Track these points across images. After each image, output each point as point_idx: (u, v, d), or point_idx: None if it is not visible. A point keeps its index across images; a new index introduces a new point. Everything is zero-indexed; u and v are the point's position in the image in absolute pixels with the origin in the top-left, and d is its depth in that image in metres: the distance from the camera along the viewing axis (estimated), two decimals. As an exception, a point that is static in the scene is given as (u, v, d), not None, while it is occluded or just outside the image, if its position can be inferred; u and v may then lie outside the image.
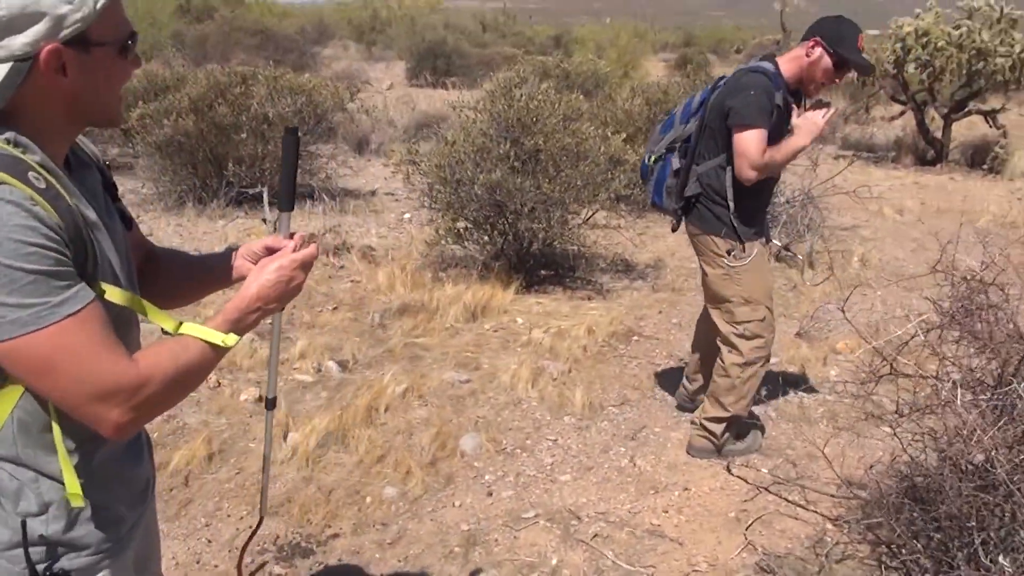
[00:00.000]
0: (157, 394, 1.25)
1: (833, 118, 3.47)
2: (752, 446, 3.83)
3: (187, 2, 29.05)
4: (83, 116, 1.30)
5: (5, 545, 1.28)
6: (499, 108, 6.09)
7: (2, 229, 1.10)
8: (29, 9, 1.14)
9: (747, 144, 3.30)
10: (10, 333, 1.12)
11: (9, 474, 1.27)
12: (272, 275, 1.43)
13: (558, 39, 33.88)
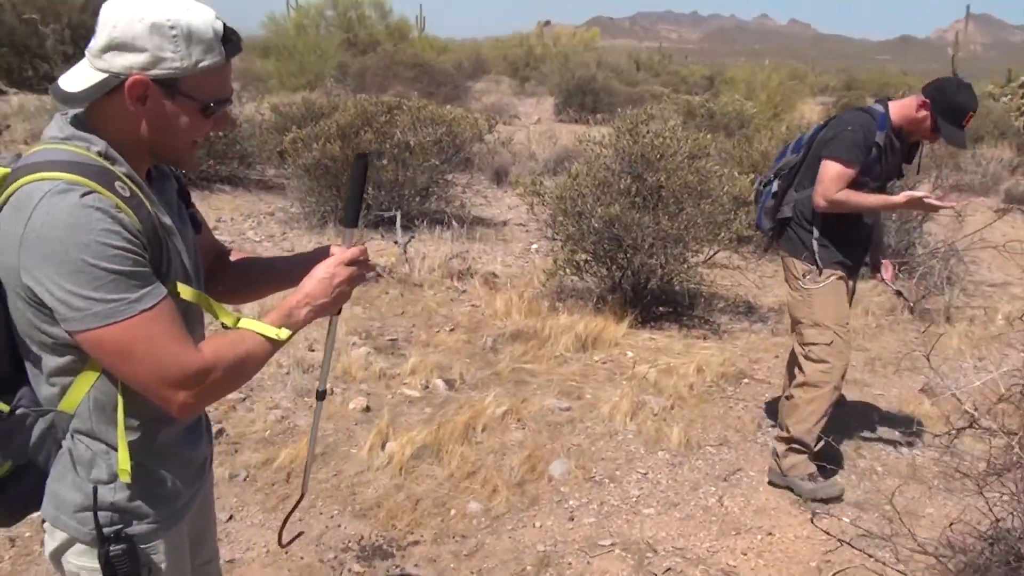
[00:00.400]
0: (219, 380, 1.41)
1: (935, 207, 3.50)
2: (822, 490, 3.74)
3: (354, 36, 30.73)
4: (150, 147, 1.45)
5: (77, 507, 1.46)
6: (624, 144, 6.17)
7: (90, 232, 1.27)
8: (137, 41, 1.33)
9: (827, 174, 3.49)
10: (93, 323, 1.29)
11: (85, 445, 1.45)
12: (320, 274, 1.57)
13: (712, 79, 33.57)
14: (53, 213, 1.26)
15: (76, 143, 1.37)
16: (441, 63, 25.18)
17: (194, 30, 1.35)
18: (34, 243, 1.27)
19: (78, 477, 1.46)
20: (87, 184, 1.30)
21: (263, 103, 13.60)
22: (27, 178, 1.31)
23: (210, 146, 9.64)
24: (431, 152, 8.57)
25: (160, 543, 1.54)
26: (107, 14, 1.34)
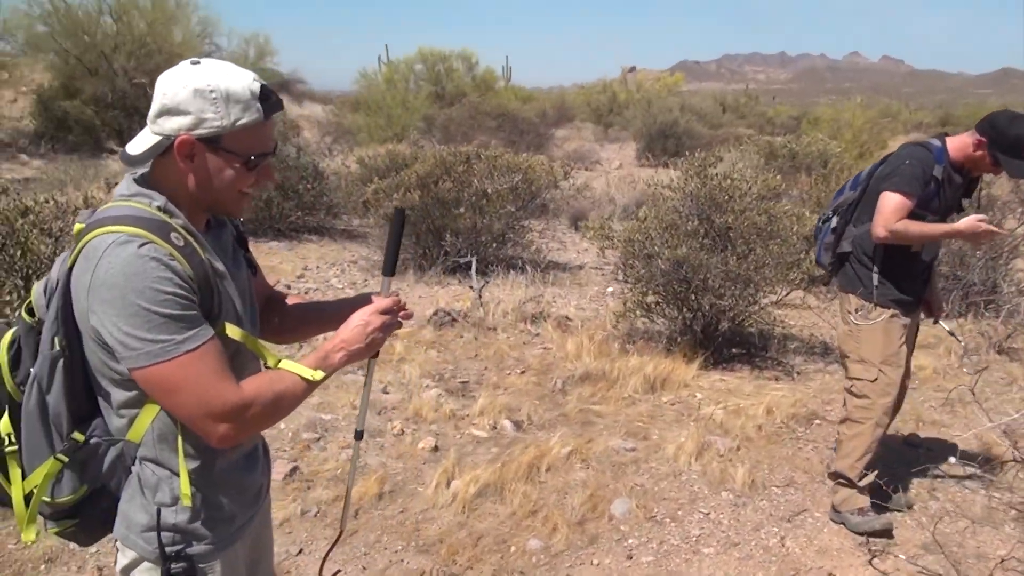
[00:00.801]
0: (257, 415, 1.56)
1: (992, 235, 3.54)
2: (868, 523, 3.70)
3: (441, 89, 31.67)
4: (202, 199, 1.61)
5: (143, 527, 1.62)
6: (692, 187, 6.24)
7: (146, 279, 1.44)
8: (182, 105, 1.51)
9: (886, 205, 3.49)
10: (145, 362, 1.46)
11: (151, 471, 1.62)
12: (355, 322, 1.71)
13: (799, 119, 33.17)
14: (114, 262, 1.44)
15: (139, 199, 1.55)
16: (524, 112, 25.65)
17: (232, 92, 1.52)
18: (98, 289, 1.44)
19: (145, 500, 1.62)
20: (145, 235, 1.47)
21: (350, 156, 14.17)
22: (95, 232, 1.49)
23: (299, 198, 10.14)
24: (507, 199, 8.80)
25: (217, 563, 1.68)
26: (160, 85, 1.54)
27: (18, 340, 1.61)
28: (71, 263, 1.51)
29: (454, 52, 33.10)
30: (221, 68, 1.55)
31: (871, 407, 3.70)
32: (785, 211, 6.24)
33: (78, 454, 1.58)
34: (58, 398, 1.55)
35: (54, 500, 1.59)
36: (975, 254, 7.28)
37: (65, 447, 1.56)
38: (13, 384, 1.59)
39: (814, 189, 9.61)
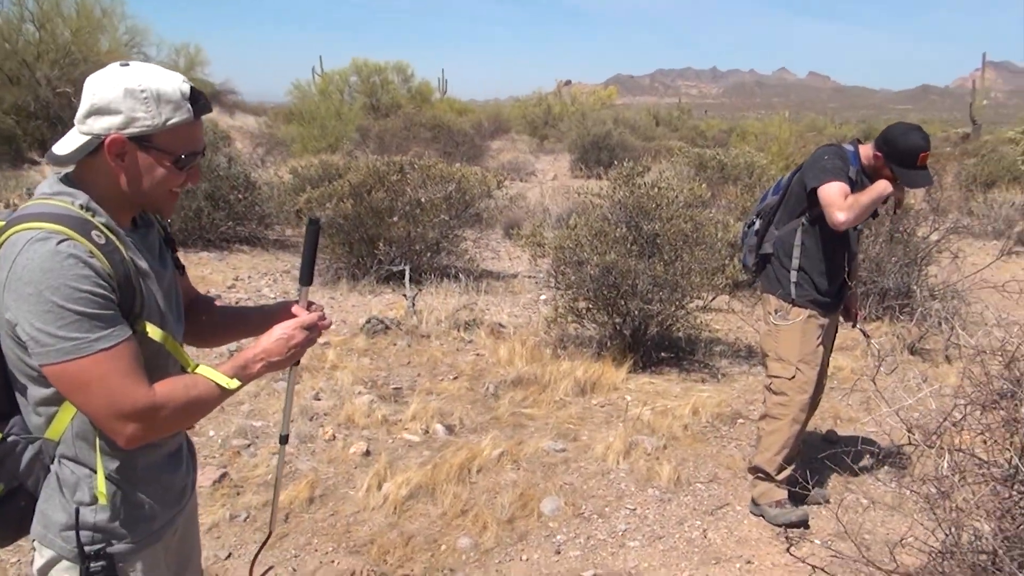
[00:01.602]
0: (167, 418, 1.57)
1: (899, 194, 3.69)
2: (785, 516, 3.87)
3: (377, 100, 31.60)
4: (132, 198, 1.63)
5: (62, 526, 1.61)
6: (620, 195, 6.39)
7: (62, 276, 1.44)
8: (112, 105, 1.53)
9: (829, 193, 3.57)
10: (55, 359, 1.46)
11: (70, 470, 1.61)
12: (277, 334, 1.73)
13: (730, 132, 33.97)
14: (32, 258, 1.44)
15: (62, 198, 1.56)
16: (460, 124, 25.73)
17: (162, 92, 1.55)
18: (15, 285, 1.45)
19: (63, 499, 1.61)
20: (64, 232, 1.47)
21: (283, 166, 14.06)
22: (15, 228, 1.49)
23: (230, 208, 10.02)
24: (441, 208, 8.85)
25: (137, 563, 1.68)
26: (88, 85, 1.56)
27: None
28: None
29: (389, 64, 33.11)
30: (151, 69, 1.57)
31: (789, 404, 3.86)
32: (710, 219, 6.44)
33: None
34: None
35: None
36: (891, 260, 7.59)
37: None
38: None
39: (740, 199, 9.91)
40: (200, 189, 9.56)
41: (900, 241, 7.68)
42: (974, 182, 16.76)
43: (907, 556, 3.02)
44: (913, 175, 3.64)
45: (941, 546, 2.49)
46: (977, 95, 35.45)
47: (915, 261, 7.65)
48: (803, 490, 3.53)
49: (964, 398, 2.67)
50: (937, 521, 2.45)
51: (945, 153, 23.48)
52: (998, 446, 2.41)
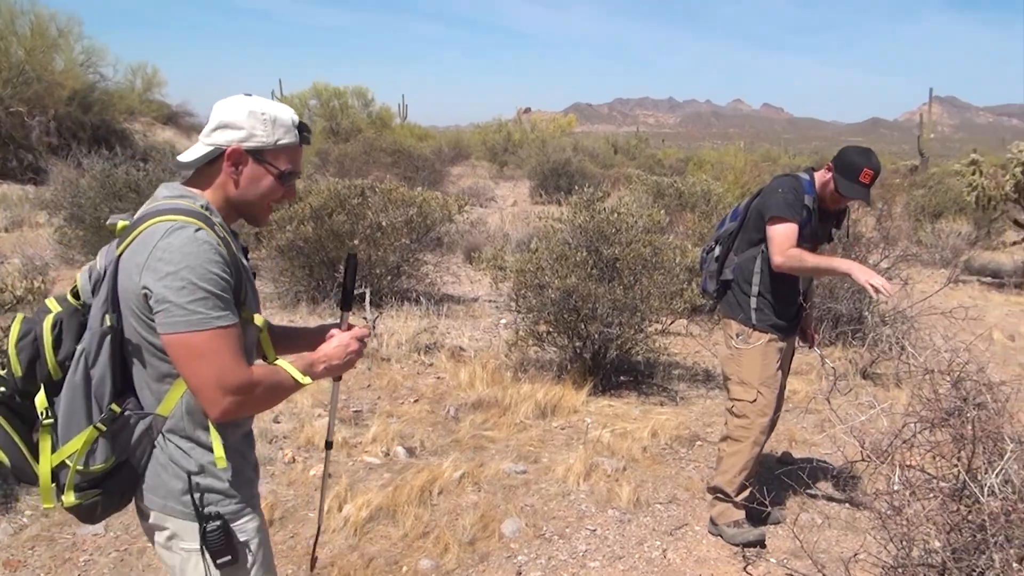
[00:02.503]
0: (256, 397, 1.79)
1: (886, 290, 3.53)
2: (743, 535, 3.94)
3: (336, 125, 31.57)
4: (236, 205, 1.92)
5: (180, 492, 1.83)
6: (581, 220, 6.47)
7: (199, 258, 1.70)
8: (237, 122, 1.84)
9: (776, 234, 3.73)
10: (181, 328, 1.69)
11: (175, 444, 1.83)
12: (336, 343, 2.01)
13: (686, 161, 34.49)
14: (173, 243, 1.70)
15: (185, 199, 1.83)
16: (420, 149, 25.79)
17: (278, 118, 1.87)
18: (155, 264, 1.69)
19: (176, 468, 1.83)
20: (198, 223, 1.75)
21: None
22: (152, 221, 1.75)
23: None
24: (402, 232, 8.86)
25: (248, 522, 1.90)
26: (218, 107, 1.87)
27: (60, 322, 1.79)
28: (120, 251, 1.77)
29: (349, 88, 33.13)
30: (269, 100, 1.90)
31: (751, 426, 3.92)
32: (669, 244, 6.55)
33: (113, 425, 1.77)
34: (103, 370, 1.75)
35: (88, 468, 1.76)
36: (844, 287, 7.77)
37: (104, 416, 1.74)
38: (55, 362, 1.77)
39: (698, 225, 10.09)
40: (158, 210, 9.46)
41: (852, 268, 7.85)
42: (922, 212, 17.24)
43: (861, 572, 3.09)
44: (852, 186, 3.76)
45: (893, 561, 2.56)
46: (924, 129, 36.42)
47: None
48: (760, 508, 3.59)
49: (914, 416, 2.76)
50: (889, 536, 2.52)
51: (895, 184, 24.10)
52: (947, 462, 2.50)
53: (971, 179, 12.62)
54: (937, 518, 2.29)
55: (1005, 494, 2.16)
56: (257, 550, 1.92)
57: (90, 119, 20.04)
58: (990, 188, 12.33)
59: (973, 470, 2.35)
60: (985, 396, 2.71)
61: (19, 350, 1.77)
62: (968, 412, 2.56)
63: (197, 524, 1.81)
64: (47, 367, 1.77)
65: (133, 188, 9.71)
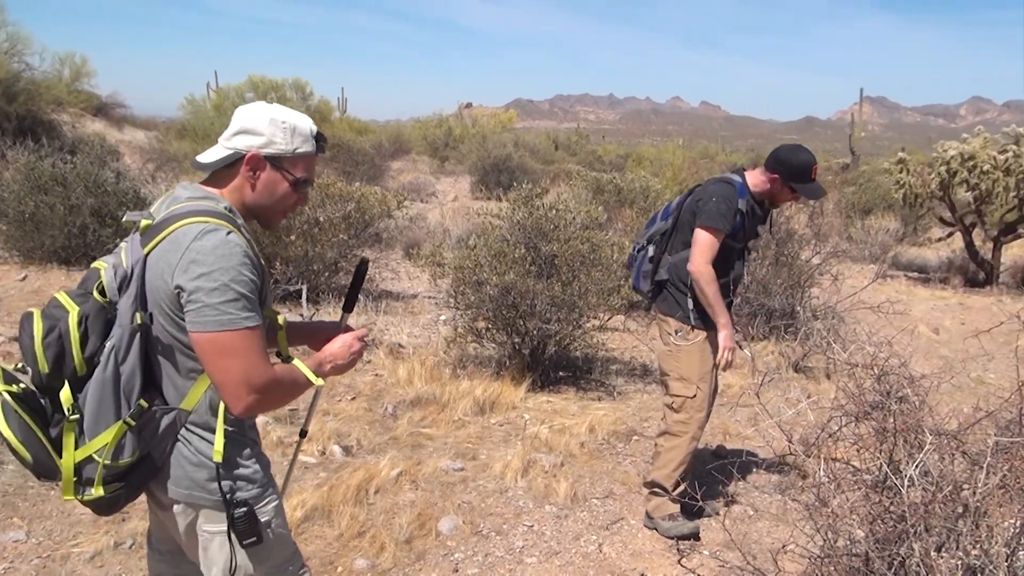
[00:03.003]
0: (277, 395, 1.90)
1: (727, 361, 3.91)
2: (677, 528, 4.00)
3: (273, 118, 31.03)
4: (252, 208, 2.00)
5: (205, 481, 1.92)
6: (520, 216, 6.48)
7: (232, 260, 1.79)
8: (258, 128, 1.94)
9: (699, 243, 3.82)
10: (213, 328, 1.77)
11: (199, 436, 1.92)
12: (340, 343, 2.13)
13: (626, 157, 34.78)
14: (206, 244, 1.78)
15: (209, 201, 1.91)
16: (360, 143, 25.52)
17: (298, 127, 1.97)
18: (188, 266, 1.77)
19: (200, 458, 1.91)
20: (228, 226, 1.84)
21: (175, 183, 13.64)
22: (182, 222, 1.82)
23: (119, 225, 9.65)
24: (339, 228, 8.75)
25: (268, 503, 2.01)
26: (240, 112, 1.97)
27: (86, 319, 1.83)
28: (148, 250, 1.84)
29: (287, 81, 32.59)
30: (290, 109, 2.00)
31: (689, 421, 3.97)
32: (607, 240, 6.60)
33: (140, 420, 1.84)
34: (133, 367, 1.82)
35: (116, 463, 1.83)
36: (777, 283, 7.93)
37: (133, 411, 1.82)
38: (82, 358, 1.83)
39: (636, 222, 10.18)
40: (86, 205, 9.19)
41: (785, 264, 8.03)
42: (853, 209, 17.70)
43: (790, 563, 3.16)
44: (811, 188, 3.86)
45: (820, 551, 2.62)
46: (855, 128, 37.36)
47: (799, 283, 8.01)
48: (692, 502, 3.65)
49: (840, 411, 2.83)
50: (816, 528, 2.58)
51: (827, 182, 24.70)
52: (870, 454, 2.57)
53: (899, 177, 12.98)
54: (861, 509, 2.36)
55: (924, 485, 2.23)
56: (277, 528, 2.03)
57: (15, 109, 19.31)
58: (917, 186, 12.69)
59: (895, 462, 2.42)
60: (907, 390, 2.80)
61: (46, 347, 1.80)
62: (890, 406, 2.63)
63: (224, 511, 1.91)
64: (73, 363, 1.82)
65: (60, 181, 9.39)
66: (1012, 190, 11.91)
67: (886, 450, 2.49)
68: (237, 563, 1.95)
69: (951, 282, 12.75)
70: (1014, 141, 12.31)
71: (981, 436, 2.65)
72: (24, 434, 1.80)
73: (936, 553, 2.09)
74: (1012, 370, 7.48)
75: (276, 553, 2.04)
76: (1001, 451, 2.27)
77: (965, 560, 2.04)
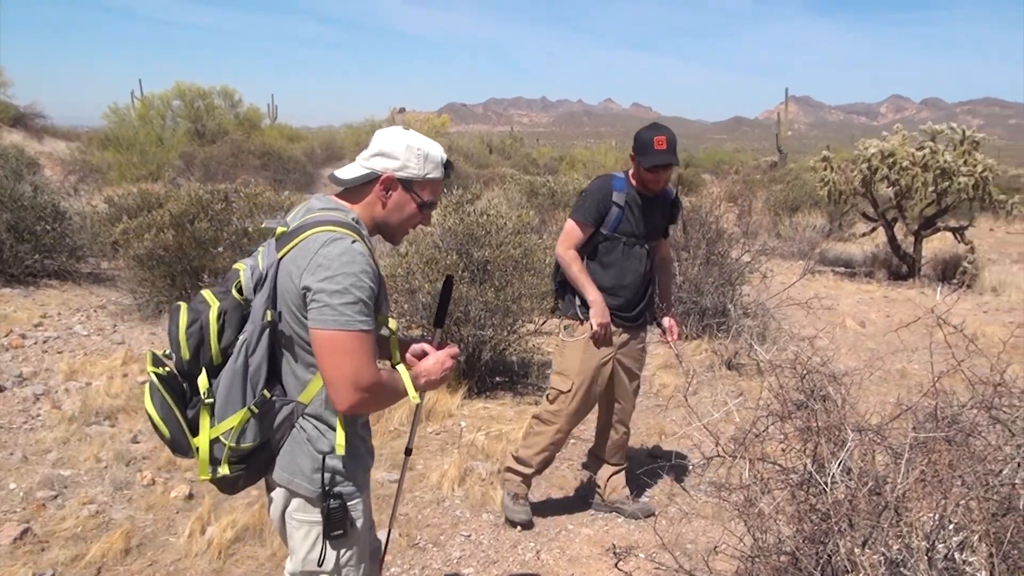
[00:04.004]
0: (377, 397, 2.00)
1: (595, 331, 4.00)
2: (514, 511, 4.19)
3: (202, 126, 30.37)
4: (380, 225, 2.17)
5: (311, 470, 2.06)
6: (451, 222, 6.44)
7: (354, 266, 1.93)
8: (395, 153, 2.11)
9: (564, 230, 4.05)
10: (330, 326, 1.91)
11: (313, 426, 2.07)
12: (433, 360, 2.25)
13: (560, 160, 35.01)
14: (333, 251, 1.93)
15: (339, 212, 2.08)
16: (291, 150, 25.18)
17: (430, 154, 2.13)
18: (315, 269, 1.92)
19: (310, 448, 2.06)
20: (353, 236, 1.99)
21: (97, 195, 13.25)
22: (314, 230, 1.99)
23: (36, 240, 9.32)
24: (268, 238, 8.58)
25: (359, 502, 2.14)
26: (379, 136, 2.13)
27: (224, 313, 2.00)
28: (282, 255, 2.01)
29: (215, 88, 31.95)
30: (424, 137, 2.16)
31: (558, 414, 4.11)
32: (540, 244, 6.60)
33: (262, 408, 1.99)
34: (261, 359, 1.97)
35: (238, 446, 1.98)
36: (709, 281, 8.05)
37: (257, 400, 1.97)
38: (218, 348, 2.00)
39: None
40: (1, 220, 8.85)
41: (716, 263, 8.16)
42: (781, 207, 18.08)
43: (721, 562, 3.19)
44: (653, 155, 3.87)
45: (750, 550, 2.64)
46: (782, 127, 38.22)
47: (729, 281, 8.14)
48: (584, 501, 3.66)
49: (765, 410, 2.86)
50: (746, 527, 2.60)
51: (756, 180, 25.21)
52: (796, 453, 2.60)
53: (823, 174, 13.30)
54: (787, 508, 2.38)
55: (846, 483, 2.26)
56: (362, 529, 2.15)
57: (-75, 121, 18.58)
58: (840, 183, 13.02)
59: (819, 460, 2.46)
60: (828, 389, 2.84)
61: (188, 336, 1.98)
62: (813, 405, 2.67)
63: (320, 500, 2.04)
64: (211, 353, 2.00)
65: (-27, 196, 9.03)
66: (930, 185, 12.31)
67: (810, 449, 2.53)
68: (323, 554, 2.08)
69: (876, 276, 13.11)
70: (931, 138, 12.73)
71: (904, 429, 2.71)
72: (165, 412, 1.98)
73: (860, 549, 2.12)
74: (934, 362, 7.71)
75: (356, 550, 2.15)
76: (920, 446, 2.32)
77: (888, 555, 2.08)
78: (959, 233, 12.71)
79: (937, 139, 12.68)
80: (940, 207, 12.76)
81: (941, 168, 12.18)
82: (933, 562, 2.01)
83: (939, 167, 12.18)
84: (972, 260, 12.21)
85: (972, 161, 12.20)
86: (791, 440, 2.61)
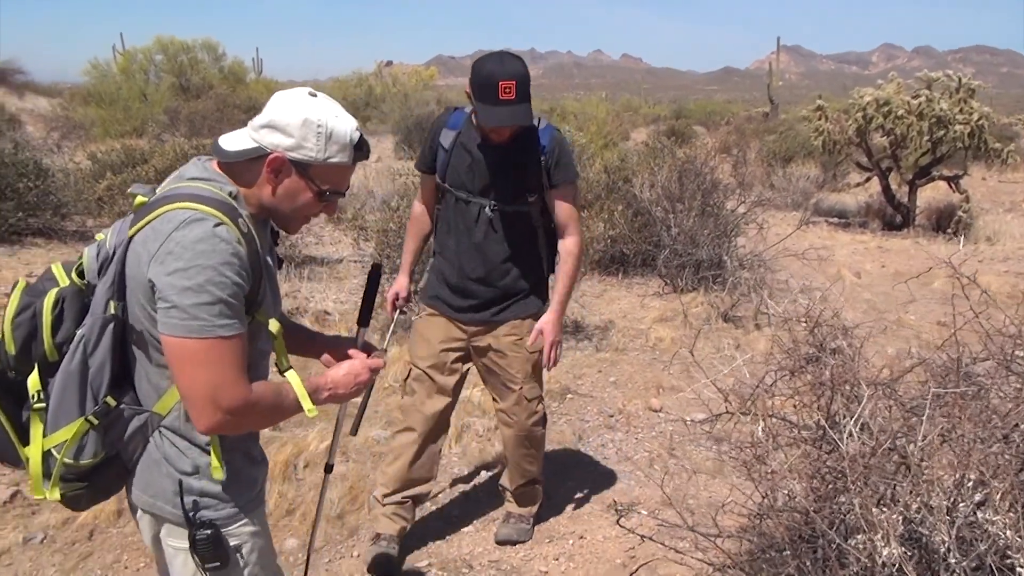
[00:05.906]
0: (249, 418, 1.67)
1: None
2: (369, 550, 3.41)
3: (186, 81, 29.83)
4: (270, 211, 1.75)
5: (171, 494, 1.70)
6: (443, 175, 6.30)
7: (213, 258, 1.54)
8: (289, 128, 1.66)
9: None
10: (180, 332, 1.54)
11: (170, 442, 1.71)
12: (345, 370, 1.88)
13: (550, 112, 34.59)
14: (187, 236, 1.54)
15: (213, 183, 1.67)
16: (278, 105, 24.76)
17: (335, 132, 1.68)
18: (164, 257, 1.54)
19: (169, 468, 1.71)
20: (219, 217, 1.58)
21: (80, 152, 13.01)
22: (169, 206, 1.59)
23: (19, 198, 9.13)
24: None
25: (241, 526, 1.77)
26: (275, 100, 1.70)
27: (62, 301, 1.65)
28: (133, 232, 1.62)
29: (197, 42, 31.34)
30: (332, 108, 1.71)
31: (406, 409, 3.54)
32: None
33: (106, 419, 1.64)
34: (103, 360, 1.61)
35: (76, 462, 1.63)
36: (704, 233, 7.94)
37: (97, 409, 1.61)
38: (52, 344, 1.64)
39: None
40: (-20, 177, 8.66)
41: (711, 214, 8.04)
42: (774, 158, 17.93)
43: (728, 519, 3.14)
44: (490, 112, 2.88)
45: (759, 508, 2.58)
46: (773, 77, 37.88)
47: (725, 233, 8.04)
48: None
49: (774, 364, 2.78)
50: (754, 485, 2.53)
51: (749, 130, 25.01)
52: (807, 409, 2.52)
53: (817, 124, 13.15)
54: (799, 466, 2.31)
55: (862, 439, 2.19)
56: (250, 554, 1.80)
57: (-99, 77, 18.18)
58: (835, 132, 12.88)
59: (832, 416, 2.38)
60: (841, 341, 2.76)
61: (15, 326, 1.63)
62: (825, 358, 2.59)
63: (186, 530, 1.70)
64: (43, 348, 1.64)
65: (-48, 154, 8.82)
66: (925, 134, 12.17)
67: (823, 405, 2.45)
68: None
69: (870, 226, 13.04)
70: (926, 86, 12.57)
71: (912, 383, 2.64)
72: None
73: (877, 508, 2.06)
74: (931, 312, 7.68)
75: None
76: (936, 400, 2.25)
77: (906, 514, 2.01)
78: (954, 182, 12.61)
79: (933, 87, 12.52)
80: (935, 156, 12.64)
81: (937, 117, 12.04)
82: (954, 521, 1.94)
83: (935, 116, 12.04)
84: (967, 209, 12.14)
85: (968, 109, 12.07)
86: (802, 395, 2.53)
